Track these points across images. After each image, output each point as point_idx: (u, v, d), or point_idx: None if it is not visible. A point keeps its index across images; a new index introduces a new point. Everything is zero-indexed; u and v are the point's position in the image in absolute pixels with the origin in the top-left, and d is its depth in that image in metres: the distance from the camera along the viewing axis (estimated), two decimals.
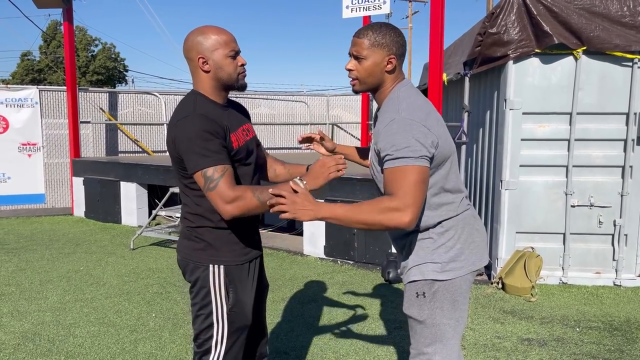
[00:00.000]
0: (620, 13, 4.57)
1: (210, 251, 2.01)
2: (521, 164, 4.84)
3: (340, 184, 5.80)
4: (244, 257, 2.07)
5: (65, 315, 4.18)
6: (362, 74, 1.88)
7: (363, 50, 1.85)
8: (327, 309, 4.29)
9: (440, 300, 1.88)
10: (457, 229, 1.90)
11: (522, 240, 4.95)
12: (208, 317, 2.01)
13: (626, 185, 4.78)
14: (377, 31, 1.85)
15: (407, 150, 1.70)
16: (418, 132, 1.73)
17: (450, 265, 1.87)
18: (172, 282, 5.08)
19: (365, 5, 9.01)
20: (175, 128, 1.90)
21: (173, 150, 1.93)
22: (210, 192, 1.84)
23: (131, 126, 10.28)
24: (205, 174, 1.84)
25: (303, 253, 6.20)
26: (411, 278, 1.92)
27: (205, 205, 1.96)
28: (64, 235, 7.32)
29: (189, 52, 1.97)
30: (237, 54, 2.00)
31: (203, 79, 1.99)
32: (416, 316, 1.91)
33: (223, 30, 1.98)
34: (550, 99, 4.76)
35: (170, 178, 7.40)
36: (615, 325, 3.97)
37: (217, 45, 1.94)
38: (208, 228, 2.01)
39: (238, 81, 2.01)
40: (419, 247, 1.91)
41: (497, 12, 4.70)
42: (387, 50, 1.85)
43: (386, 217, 1.66)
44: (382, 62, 1.86)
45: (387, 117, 1.81)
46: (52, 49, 33.55)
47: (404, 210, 1.65)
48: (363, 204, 1.69)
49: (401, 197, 1.66)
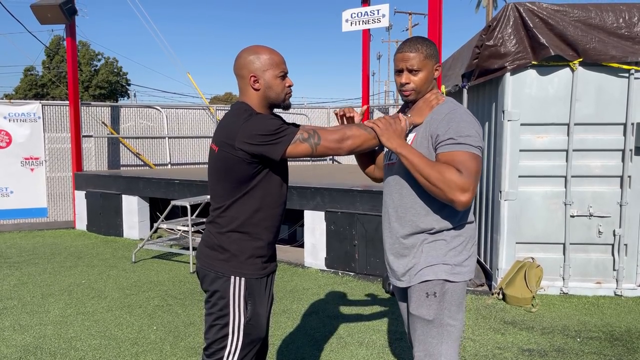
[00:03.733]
0: (616, 25, 4.63)
1: (233, 262, 2.05)
2: (520, 174, 4.86)
3: (341, 195, 5.82)
4: (263, 271, 2.11)
5: (66, 329, 4.19)
6: (420, 84, 2.04)
7: (418, 63, 2.01)
8: (328, 321, 4.29)
9: (448, 301, 1.96)
10: (466, 236, 2.01)
11: (522, 251, 4.96)
12: (224, 328, 2.04)
13: (625, 195, 4.80)
14: (425, 44, 2.03)
15: (471, 138, 1.87)
16: (477, 127, 1.94)
17: (458, 269, 1.97)
18: (174, 294, 5.09)
19: (364, 19, 9.11)
20: (243, 128, 1.92)
21: (239, 152, 1.93)
22: (320, 147, 1.93)
23: (133, 140, 10.35)
24: (300, 139, 1.92)
25: (304, 265, 6.21)
26: (423, 278, 1.97)
27: (246, 211, 2.03)
28: (66, 249, 7.34)
29: (241, 70, 2.06)
30: (286, 75, 2.09)
31: (252, 96, 2.07)
32: (425, 315, 1.97)
33: (274, 52, 2.08)
34: (548, 110, 4.80)
35: (172, 191, 7.44)
36: (616, 335, 3.97)
37: (269, 65, 2.04)
38: (237, 234, 2.04)
39: (284, 101, 2.11)
40: (431, 248, 1.98)
41: (494, 25, 4.76)
42: (435, 59, 2.05)
43: (449, 189, 1.80)
44: (433, 71, 2.06)
45: (446, 107, 1.97)
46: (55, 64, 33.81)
47: (466, 191, 1.80)
48: (437, 166, 1.84)
49: (466, 178, 1.80)
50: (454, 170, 1.81)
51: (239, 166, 1.96)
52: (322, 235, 5.98)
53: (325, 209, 5.94)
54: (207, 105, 11.71)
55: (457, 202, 1.80)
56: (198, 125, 11.04)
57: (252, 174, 1.98)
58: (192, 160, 10.97)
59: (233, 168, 1.98)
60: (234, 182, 2.01)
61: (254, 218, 2.04)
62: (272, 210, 2.08)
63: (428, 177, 1.82)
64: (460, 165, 1.82)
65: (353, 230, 5.71)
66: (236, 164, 1.96)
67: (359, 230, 5.66)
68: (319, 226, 6.02)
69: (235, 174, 1.98)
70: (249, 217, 2.03)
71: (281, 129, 1.91)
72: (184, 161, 10.89)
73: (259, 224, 2.06)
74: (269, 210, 2.07)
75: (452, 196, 1.80)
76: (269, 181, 2.04)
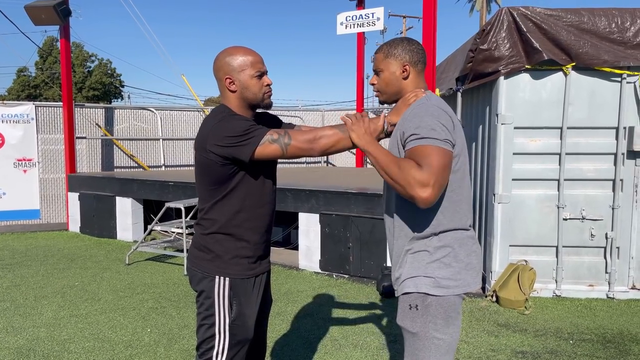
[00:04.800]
0: (608, 29, 4.67)
1: (217, 262, 2.06)
2: (514, 177, 4.89)
3: (335, 198, 5.84)
4: (250, 272, 2.12)
5: (60, 331, 4.17)
6: (381, 84, 2.03)
7: (380, 63, 2.01)
8: (323, 323, 4.30)
9: (433, 314, 1.88)
10: (454, 247, 1.90)
11: (516, 254, 4.99)
12: (210, 328, 2.06)
13: (617, 198, 4.84)
14: (389, 44, 2.01)
15: (435, 132, 1.77)
16: (444, 119, 1.83)
17: (445, 282, 1.87)
18: (168, 297, 5.08)
19: (359, 22, 9.14)
20: (213, 131, 1.94)
21: (210, 154, 1.95)
22: (290, 147, 1.93)
23: (127, 141, 10.32)
24: (270, 140, 1.91)
25: (298, 267, 6.21)
26: (405, 290, 1.93)
27: (226, 213, 2.03)
28: (59, 251, 7.30)
29: (217, 72, 2.07)
30: (263, 74, 2.08)
31: (230, 98, 2.07)
32: (409, 328, 1.91)
33: (250, 51, 2.07)
34: (541, 113, 4.84)
35: (166, 193, 7.42)
36: (608, 337, 4.00)
37: (244, 66, 2.03)
38: (220, 235, 2.05)
39: (263, 100, 2.09)
40: (414, 259, 1.92)
41: (488, 29, 4.79)
42: (400, 59, 1.99)
43: (408, 185, 1.71)
44: (397, 71, 1.99)
45: (416, 103, 1.93)
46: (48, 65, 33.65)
47: (425, 187, 1.69)
48: (399, 162, 1.77)
49: (427, 173, 1.70)
50: (413, 164, 1.72)
51: (214, 168, 1.98)
52: (317, 237, 5.99)
53: (319, 212, 5.95)
54: (201, 107, 11.70)
55: (418, 198, 1.69)
56: (192, 127, 11.02)
57: (229, 175, 1.99)
58: (186, 162, 10.95)
59: (208, 171, 2.00)
60: (211, 184, 2.03)
61: (235, 219, 2.05)
62: (255, 211, 2.08)
63: (390, 173, 1.76)
64: (421, 159, 1.72)
65: (347, 232, 5.72)
66: (211, 166, 1.98)
67: (354, 232, 5.67)
68: (313, 228, 6.03)
69: (212, 176, 2.00)
70: (230, 219, 2.05)
71: (250, 130, 1.91)
72: (178, 163, 10.87)
73: (242, 225, 2.07)
74: (252, 211, 2.08)
75: (411, 192, 1.70)
76: (249, 182, 2.04)
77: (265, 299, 2.26)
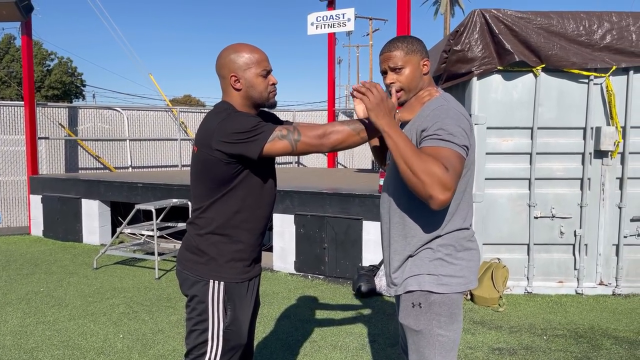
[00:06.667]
0: (576, 32, 4.80)
1: (212, 266, 1.99)
2: (486, 177, 4.97)
3: (310, 198, 5.80)
4: (245, 275, 2.06)
5: (26, 339, 4.00)
6: (406, 82, 1.94)
7: (400, 60, 1.93)
8: (300, 325, 4.26)
9: (437, 312, 1.87)
10: (458, 244, 1.90)
11: (489, 252, 5.07)
12: (203, 333, 1.98)
13: (585, 197, 4.97)
14: (406, 41, 1.95)
15: (456, 137, 1.74)
16: (464, 124, 1.80)
17: (447, 280, 1.87)
18: (139, 301, 4.94)
19: (330, 22, 9.15)
20: (219, 128, 1.87)
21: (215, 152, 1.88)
22: (300, 143, 1.86)
23: (92, 142, 10.04)
24: (279, 136, 1.85)
25: (273, 269, 6.15)
26: (408, 288, 1.91)
27: (225, 212, 1.97)
28: (22, 256, 7.02)
29: (222, 69, 1.99)
30: (269, 73, 2.03)
31: (234, 96, 2.00)
32: (413, 326, 1.90)
33: (256, 49, 2.01)
34: (513, 114, 4.93)
35: (135, 195, 7.23)
36: (580, 332, 4.10)
37: (250, 63, 1.97)
38: (216, 236, 1.98)
39: (268, 100, 2.04)
40: (417, 257, 1.90)
41: (462, 30, 4.85)
42: (420, 54, 1.96)
43: (431, 183, 1.63)
44: (419, 67, 1.96)
45: (435, 103, 1.88)
46: (6, 63, 32.43)
47: (447, 190, 1.64)
48: (423, 156, 1.68)
49: (451, 176, 1.65)
50: (440, 164, 1.65)
51: (217, 167, 1.91)
52: (292, 238, 5.94)
53: (294, 212, 5.90)
54: (170, 107, 11.48)
55: (435, 199, 1.63)
56: (160, 127, 10.81)
57: (232, 174, 1.93)
58: (154, 163, 10.72)
59: (212, 169, 1.92)
60: (213, 182, 1.95)
61: (233, 220, 1.99)
62: (254, 212, 2.03)
63: (411, 164, 1.65)
64: (446, 161, 1.66)
65: (323, 233, 5.70)
66: (215, 164, 1.90)
67: (329, 233, 5.66)
68: (288, 229, 5.98)
69: (215, 174, 1.93)
70: (228, 219, 1.98)
71: (258, 126, 1.86)
72: (146, 164, 10.64)
73: (240, 225, 2.00)
74: (251, 212, 2.02)
75: (431, 191, 1.62)
76: (251, 182, 1.98)
77: (256, 302, 2.21)
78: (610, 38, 4.79)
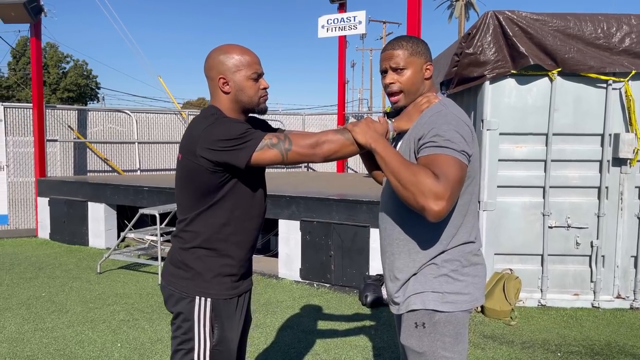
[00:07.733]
0: (594, 35, 4.61)
1: (198, 281, 1.86)
2: (499, 184, 4.79)
3: (317, 204, 5.67)
4: (233, 291, 1.92)
5: (22, 347, 3.91)
6: (407, 83, 1.83)
7: (402, 60, 1.82)
8: (303, 336, 4.11)
9: (441, 332, 1.75)
10: (461, 260, 1.78)
11: (501, 262, 4.89)
12: (189, 353, 1.86)
13: (602, 206, 4.77)
14: (411, 41, 1.85)
15: (453, 143, 1.63)
16: (463, 130, 1.69)
17: (453, 297, 1.74)
18: (140, 308, 4.84)
19: (341, 25, 9.03)
20: (205, 134, 1.75)
21: (200, 159, 1.75)
22: (291, 153, 1.74)
23: (101, 145, 10.01)
24: (269, 145, 1.73)
25: (278, 276, 6.02)
26: (411, 307, 1.78)
27: (212, 225, 1.84)
28: (27, 259, 6.97)
29: (210, 71, 1.88)
30: (260, 77, 1.91)
31: (222, 100, 1.88)
32: (415, 347, 1.77)
33: (247, 51, 1.89)
34: (527, 119, 4.75)
35: (140, 199, 7.16)
36: (596, 349, 3.90)
37: (240, 66, 1.85)
38: (202, 250, 1.85)
39: (258, 104, 1.92)
40: (420, 274, 1.77)
41: (474, 33, 4.69)
42: (424, 57, 1.85)
43: (420, 194, 1.55)
44: (421, 70, 1.85)
45: (433, 109, 1.77)
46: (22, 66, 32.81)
47: (439, 199, 1.54)
48: (412, 167, 1.61)
49: (443, 185, 1.55)
50: (430, 173, 1.56)
51: (202, 175, 1.78)
52: (297, 245, 5.81)
53: (300, 218, 5.77)
54: (179, 110, 11.43)
55: (428, 210, 1.53)
56: (169, 130, 10.75)
57: (218, 184, 1.80)
58: (163, 167, 10.67)
59: (196, 178, 1.79)
60: (198, 192, 1.82)
61: (220, 233, 1.86)
62: (243, 224, 1.89)
63: (400, 177, 1.58)
64: (438, 169, 1.57)
65: (329, 240, 5.55)
66: (199, 173, 1.78)
67: (335, 240, 5.51)
68: (293, 236, 5.84)
69: (199, 184, 1.80)
70: (215, 232, 1.85)
71: (247, 133, 1.72)
72: (154, 167, 10.58)
73: (227, 239, 1.87)
74: (240, 224, 1.88)
75: (423, 202, 1.53)
76: (239, 192, 1.85)
77: (246, 318, 2.08)
78: (629, 41, 4.59)
